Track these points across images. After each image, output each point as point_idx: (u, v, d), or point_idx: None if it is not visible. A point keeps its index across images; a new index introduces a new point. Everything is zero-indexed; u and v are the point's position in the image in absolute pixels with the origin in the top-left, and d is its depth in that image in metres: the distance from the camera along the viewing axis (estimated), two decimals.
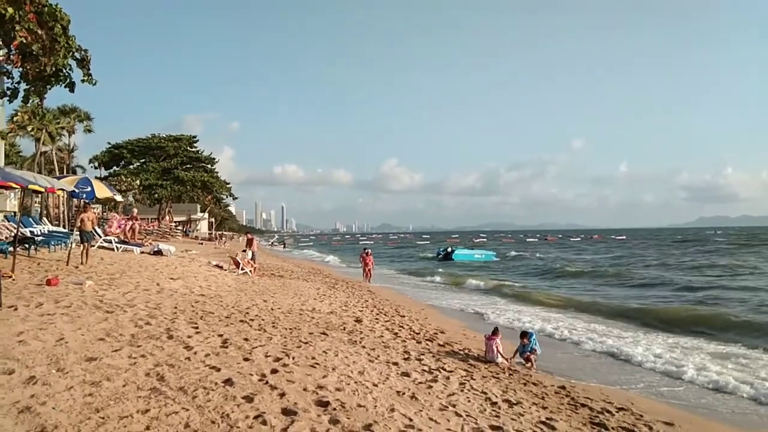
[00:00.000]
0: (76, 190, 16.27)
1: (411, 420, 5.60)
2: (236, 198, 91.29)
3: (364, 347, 9.34)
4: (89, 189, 16.31)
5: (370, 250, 29.38)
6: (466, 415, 6.10)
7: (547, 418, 6.49)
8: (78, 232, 16.89)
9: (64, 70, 12.29)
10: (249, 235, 28.18)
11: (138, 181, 60.74)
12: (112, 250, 21.31)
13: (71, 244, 17.09)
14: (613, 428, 6.46)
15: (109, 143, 67.90)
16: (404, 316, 14.43)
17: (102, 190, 17.28)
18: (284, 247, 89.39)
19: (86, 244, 16.59)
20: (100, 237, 23.05)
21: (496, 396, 7.25)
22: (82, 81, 12.55)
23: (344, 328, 11.14)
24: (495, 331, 10.03)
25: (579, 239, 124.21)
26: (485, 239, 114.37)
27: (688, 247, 72.53)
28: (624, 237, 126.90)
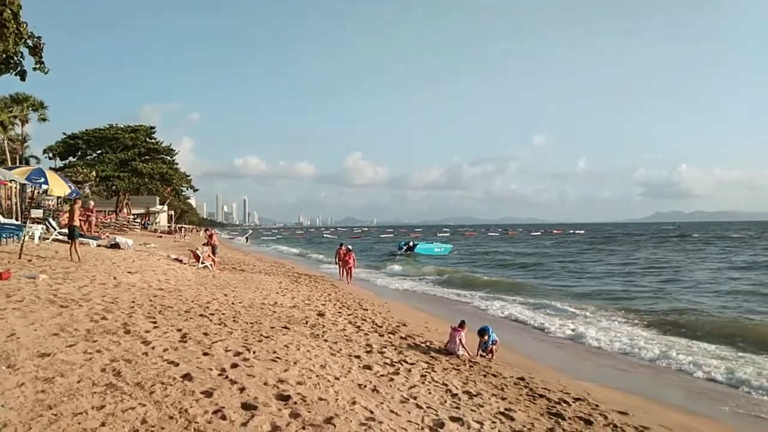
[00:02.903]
0: (29, 183, 15.77)
1: (372, 413, 5.62)
2: (196, 190, 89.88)
3: (326, 341, 9.32)
4: (43, 180, 15.81)
5: (351, 246, 25.76)
6: (427, 407, 6.16)
7: (506, 409, 6.60)
8: (67, 228, 16.52)
9: (15, 58, 11.86)
10: (209, 231, 27.75)
11: (94, 173, 59.19)
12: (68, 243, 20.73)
13: (24, 236, 16.56)
14: (569, 418, 6.60)
15: (64, 133, 65.97)
16: (367, 310, 14.46)
17: (56, 182, 16.77)
18: (246, 241, 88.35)
19: (75, 240, 16.20)
20: (55, 229, 22.42)
21: (457, 387, 7.33)
22: (34, 69, 12.13)
23: (306, 322, 11.10)
24: (462, 324, 10.08)
25: (539, 233, 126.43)
26: (448, 233, 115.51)
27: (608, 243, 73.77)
28: (583, 231, 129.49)
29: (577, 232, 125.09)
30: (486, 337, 9.97)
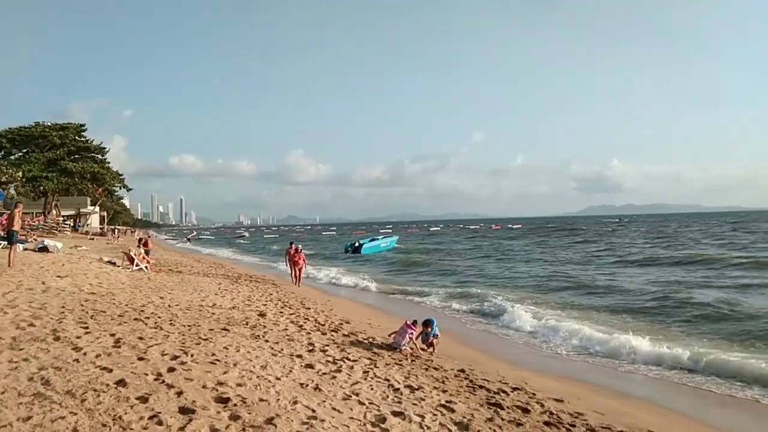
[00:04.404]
0: None
1: (314, 411, 5.60)
2: (130, 190, 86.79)
3: (267, 341, 9.21)
4: None
5: (300, 246, 23.90)
6: (369, 403, 6.19)
7: (447, 401, 6.70)
8: (5, 233, 15.87)
9: None
10: (145, 236, 26.93)
11: (20, 173, 56.25)
12: None
13: None
14: (508, 407, 6.77)
15: None
16: (309, 308, 14.36)
17: None
18: (189, 241, 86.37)
19: (14, 245, 15.52)
20: None
21: (399, 382, 7.39)
22: None
23: (247, 323, 10.93)
24: (415, 323, 10.15)
25: (478, 227, 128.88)
26: (390, 230, 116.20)
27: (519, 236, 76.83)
28: (520, 225, 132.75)
29: (514, 226, 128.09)
30: (429, 329, 10.10)
